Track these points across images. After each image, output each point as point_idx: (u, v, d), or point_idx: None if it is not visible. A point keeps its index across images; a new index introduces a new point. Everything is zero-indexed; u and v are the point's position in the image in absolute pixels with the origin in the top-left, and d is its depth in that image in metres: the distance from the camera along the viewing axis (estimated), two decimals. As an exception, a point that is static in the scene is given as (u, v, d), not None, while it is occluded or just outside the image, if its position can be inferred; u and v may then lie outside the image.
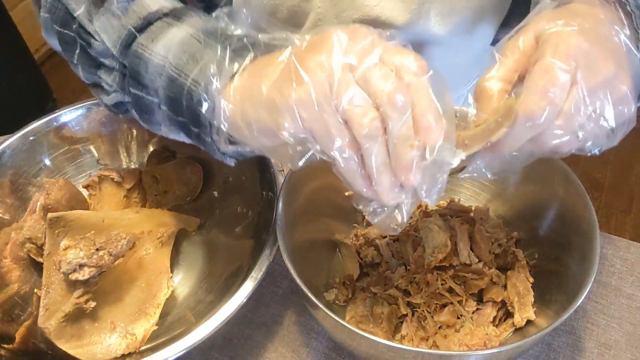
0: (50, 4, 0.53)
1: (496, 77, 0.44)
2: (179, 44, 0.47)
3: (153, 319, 0.60)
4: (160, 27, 0.49)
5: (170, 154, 0.74)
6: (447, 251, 0.61)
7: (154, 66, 0.48)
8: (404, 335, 0.59)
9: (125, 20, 0.49)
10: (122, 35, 0.49)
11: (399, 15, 0.64)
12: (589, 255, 0.52)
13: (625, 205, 1.72)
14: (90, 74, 0.54)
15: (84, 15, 0.51)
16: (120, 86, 0.52)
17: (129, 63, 0.49)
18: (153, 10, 0.49)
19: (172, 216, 0.68)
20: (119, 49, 0.50)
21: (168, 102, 0.48)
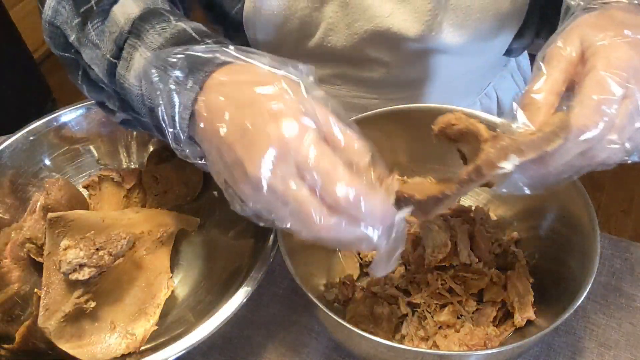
0: (50, 30, 0.54)
1: (544, 89, 0.44)
2: (144, 74, 0.46)
3: (153, 319, 0.60)
4: (129, 52, 0.48)
5: (170, 154, 0.74)
6: (447, 251, 0.61)
7: (136, 96, 0.48)
8: (404, 335, 0.59)
9: (103, 47, 0.49)
10: (105, 66, 0.50)
11: (411, 27, 0.63)
12: (589, 255, 0.52)
13: (625, 205, 1.72)
14: (95, 93, 0.55)
15: (77, 42, 0.52)
16: (121, 108, 0.53)
17: (119, 90, 0.50)
18: (120, 26, 0.49)
19: (172, 216, 0.68)
20: (108, 78, 0.50)
21: (155, 130, 0.48)
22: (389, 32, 0.64)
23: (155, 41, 0.47)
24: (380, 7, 0.63)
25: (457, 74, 0.75)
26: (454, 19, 0.64)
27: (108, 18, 0.50)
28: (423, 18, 0.63)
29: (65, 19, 0.53)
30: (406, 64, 0.71)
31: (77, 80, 0.56)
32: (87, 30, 0.50)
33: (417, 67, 0.71)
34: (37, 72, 2.01)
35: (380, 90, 0.74)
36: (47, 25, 0.54)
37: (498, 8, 0.64)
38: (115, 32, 0.49)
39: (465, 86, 0.79)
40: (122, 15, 0.49)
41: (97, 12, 0.50)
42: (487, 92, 0.82)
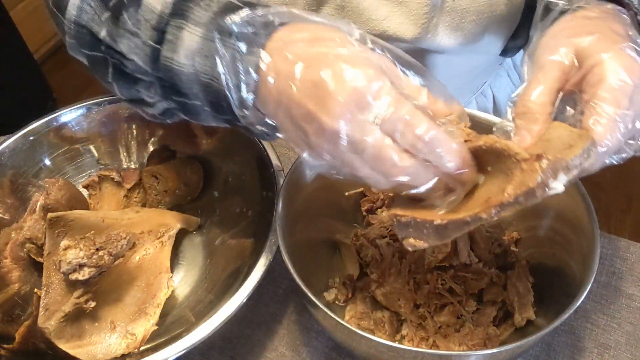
0: (75, 30, 0.53)
1: (540, 99, 0.45)
2: (197, 51, 0.46)
3: (153, 319, 0.60)
4: (174, 34, 0.48)
5: (170, 154, 0.74)
6: (447, 251, 0.61)
7: (187, 75, 0.48)
8: (404, 335, 0.59)
9: (143, 35, 0.49)
10: (148, 53, 0.49)
11: (407, 30, 0.63)
12: (589, 255, 0.52)
13: (625, 205, 1.72)
14: (128, 89, 0.55)
15: (109, 37, 0.51)
16: (163, 96, 0.52)
17: (164, 76, 0.50)
18: (158, 11, 0.49)
19: (172, 216, 0.68)
20: (150, 65, 0.50)
21: (210, 105, 0.48)
22: (384, 35, 0.64)
23: (203, 16, 0.47)
24: (376, 10, 0.63)
25: (453, 74, 0.75)
26: (449, 22, 0.64)
27: (141, 7, 0.49)
28: (419, 21, 0.63)
29: (92, 16, 0.52)
30: None
31: (107, 79, 0.55)
32: (122, 21, 0.50)
33: None
34: (37, 72, 2.01)
35: None
36: (72, 25, 0.53)
37: (493, 11, 0.64)
38: (152, 19, 0.49)
39: (461, 86, 0.79)
40: (157, 2, 0.49)
41: (129, 2, 0.50)
42: (482, 91, 0.83)
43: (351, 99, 0.39)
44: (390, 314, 0.60)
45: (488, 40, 0.69)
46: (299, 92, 0.40)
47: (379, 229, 0.66)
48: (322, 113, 0.39)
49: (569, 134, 0.43)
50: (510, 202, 0.40)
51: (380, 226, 0.67)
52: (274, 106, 0.43)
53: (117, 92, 0.56)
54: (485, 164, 0.44)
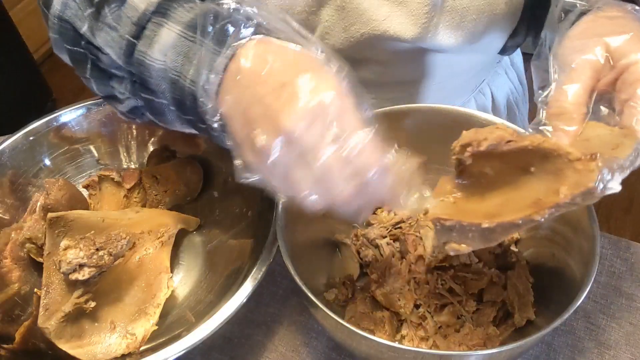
0: (59, 25, 0.54)
1: (574, 99, 0.44)
2: (172, 46, 0.47)
3: (153, 319, 0.60)
4: (153, 30, 0.48)
5: (170, 154, 0.74)
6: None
7: (157, 71, 0.48)
8: (404, 335, 0.59)
9: (122, 29, 0.49)
10: (123, 46, 0.50)
11: (407, 30, 0.63)
12: (589, 255, 0.52)
13: (625, 205, 1.72)
14: (104, 85, 0.55)
15: (89, 31, 0.52)
16: (132, 93, 0.53)
17: (135, 71, 0.50)
18: (142, 9, 0.49)
19: (172, 216, 0.68)
20: (123, 59, 0.50)
21: (174, 103, 0.49)
22: (385, 35, 0.64)
23: (184, 16, 0.48)
24: (376, 10, 0.63)
25: (452, 73, 0.75)
26: (449, 21, 0.64)
27: (125, 4, 0.50)
28: (419, 21, 0.63)
29: (75, 11, 0.52)
30: (402, 64, 0.71)
31: (85, 73, 0.55)
32: (103, 15, 0.50)
33: (413, 67, 0.72)
34: (37, 72, 2.01)
35: (376, 90, 0.74)
36: (55, 20, 0.53)
37: (493, 10, 0.64)
38: (134, 16, 0.49)
39: (460, 84, 0.79)
40: (142, 2, 0.49)
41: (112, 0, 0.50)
42: (481, 89, 0.83)
43: (318, 109, 0.39)
44: (390, 314, 0.60)
45: (488, 40, 0.69)
46: (266, 89, 0.40)
47: (379, 229, 0.66)
48: (283, 112, 0.39)
49: (609, 133, 0.42)
50: (566, 203, 0.39)
51: (380, 226, 0.67)
52: (233, 102, 0.43)
53: (94, 88, 0.56)
54: (529, 164, 0.43)
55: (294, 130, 0.39)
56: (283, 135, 0.39)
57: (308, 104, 0.39)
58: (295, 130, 0.39)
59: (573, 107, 0.44)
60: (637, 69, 0.43)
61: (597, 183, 0.38)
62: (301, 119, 0.39)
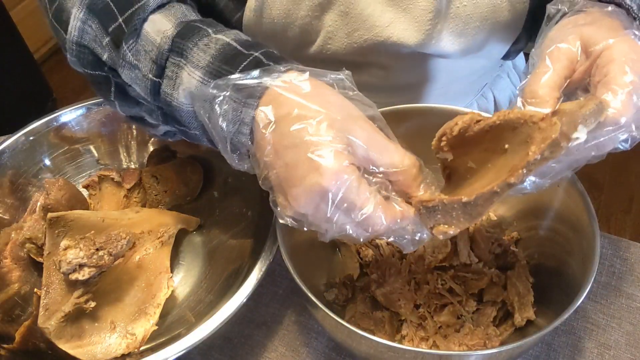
0: (77, 50, 0.54)
1: (547, 83, 0.45)
2: (196, 94, 0.48)
3: (153, 319, 0.60)
4: (173, 70, 0.49)
5: (170, 154, 0.74)
6: (447, 251, 0.61)
7: (186, 112, 0.49)
8: (404, 335, 0.59)
9: (143, 67, 0.50)
10: (148, 85, 0.50)
11: (411, 36, 0.63)
12: (589, 255, 0.52)
13: (625, 205, 1.72)
14: (130, 108, 0.56)
15: (110, 61, 0.52)
16: (163, 122, 0.54)
17: (164, 107, 0.51)
18: (157, 44, 0.49)
19: (172, 216, 0.68)
20: (151, 97, 0.51)
21: (208, 141, 0.51)
22: (388, 41, 0.64)
23: (201, 59, 0.48)
24: (380, 16, 0.63)
25: (455, 78, 0.75)
26: (453, 28, 0.64)
27: (140, 36, 0.50)
28: (423, 27, 0.63)
29: (93, 37, 0.52)
30: (405, 68, 0.71)
31: (109, 97, 0.56)
32: (122, 52, 0.51)
33: (416, 72, 0.72)
34: (37, 72, 2.01)
35: (379, 94, 0.74)
36: (74, 46, 0.53)
37: (497, 17, 0.64)
38: (152, 50, 0.50)
39: (463, 88, 0.79)
40: (157, 34, 0.50)
41: (129, 32, 0.50)
42: (483, 93, 0.83)
43: (315, 194, 0.42)
44: (390, 314, 0.60)
45: (491, 46, 0.69)
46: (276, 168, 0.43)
47: (379, 229, 0.66)
48: (290, 196, 0.43)
49: (577, 103, 0.43)
50: (536, 160, 0.40)
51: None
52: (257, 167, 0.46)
53: (118, 109, 0.57)
54: (501, 142, 0.44)
55: (301, 210, 0.43)
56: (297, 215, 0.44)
57: (310, 190, 0.42)
58: (302, 210, 0.43)
59: (546, 91, 0.45)
60: (609, 53, 0.44)
61: (561, 133, 0.39)
62: (304, 206, 0.42)
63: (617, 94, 0.43)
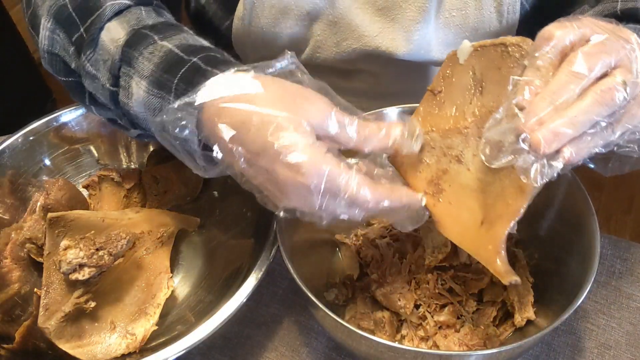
0: (49, 58, 0.54)
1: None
2: (143, 104, 0.48)
3: (153, 319, 0.60)
4: (125, 80, 0.49)
5: (170, 154, 0.74)
6: (447, 251, 0.61)
7: (143, 120, 0.50)
8: (404, 335, 0.59)
9: (102, 77, 0.50)
10: (107, 95, 0.51)
11: (399, 46, 0.63)
12: (589, 255, 0.52)
13: (625, 205, 1.72)
14: (104, 112, 0.56)
15: (77, 69, 0.53)
16: (132, 126, 0.54)
17: (126, 115, 0.52)
18: (111, 53, 0.49)
19: (172, 216, 0.68)
20: (112, 105, 0.52)
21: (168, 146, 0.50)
22: (377, 51, 0.64)
23: (146, 69, 0.48)
24: (369, 26, 0.63)
25: None
26: (442, 38, 0.64)
27: (98, 45, 0.50)
28: (411, 37, 0.63)
29: (62, 46, 0.53)
30: (395, 76, 0.71)
31: (84, 102, 0.56)
32: (82, 62, 0.51)
33: (406, 79, 0.72)
34: (37, 72, 2.01)
35: (371, 100, 0.74)
36: (45, 54, 0.54)
37: (487, 27, 0.64)
38: (107, 59, 0.50)
39: None
40: (111, 43, 0.50)
41: (87, 42, 0.50)
42: None
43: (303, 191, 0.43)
44: (390, 314, 0.60)
45: None
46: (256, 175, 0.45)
47: (379, 229, 0.66)
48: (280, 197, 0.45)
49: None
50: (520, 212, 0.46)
51: (381, 226, 0.67)
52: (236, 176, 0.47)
53: (95, 113, 0.58)
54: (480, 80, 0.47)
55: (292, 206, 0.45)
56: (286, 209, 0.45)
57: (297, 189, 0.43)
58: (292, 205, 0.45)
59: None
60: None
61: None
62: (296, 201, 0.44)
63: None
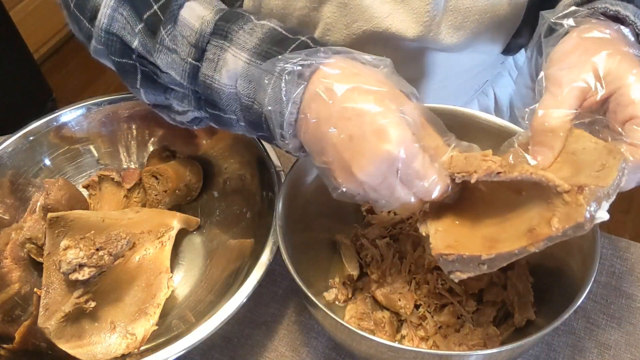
0: (106, 38, 0.54)
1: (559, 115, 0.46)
2: (242, 75, 0.49)
3: (153, 319, 0.60)
4: (215, 53, 0.50)
5: (170, 154, 0.74)
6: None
7: (227, 95, 0.50)
8: (404, 335, 0.59)
9: (181, 51, 0.51)
10: (186, 69, 0.51)
11: (409, 28, 0.64)
12: (589, 255, 0.52)
13: (625, 205, 1.72)
14: (156, 96, 0.56)
15: (142, 48, 0.53)
16: (197, 108, 0.54)
17: (201, 91, 0.52)
18: (197, 28, 0.50)
19: (172, 216, 0.68)
20: (188, 80, 0.52)
21: (248, 123, 0.51)
22: (387, 33, 0.64)
23: (248, 41, 0.49)
24: (379, 8, 0.63)
25: (454, 72, 0.75)
26: (452, 21, 0.64)
27: (177, 22, 0.51)
28: (421, 19, 0.63)
29: (123, 24, 0.53)
30: (404, 62, 0.71)
31: (134, 84, 0.56)
32: (160, 36, 0.51)
33: (415, 65, 0.72)
34: (37, 72, 2.01)
35: None
36: (102, 33, 0.54)
37: (496, 11, 0.64)
38: (190, 35, 0.50)
39: (462, 84, 0.79)
40: (195, 19, 0.51)
41: (167, 18, 0.51)
42: (484, 90, 0.83)
43: (383, 162, 0.43)
44: (391, 314, 0.60)
45: (490, 40, 0.69)
46: (337, 140, 0.44)
47: (379, 229, 0.66)
48: (353, 165, 0.44)
49: (594, 147, 0.44)
50: (558, 236, 0.42)
51: (380, 226, 0.67)
52: (312, 142, 0.47)
53: (143, 97, 0.57)
54: (520, 188, 0.45)
55: (366, 179, 0.44)
56: (357, 185, 0.45)
57: (380, 158, 0.43)
58: (366, 179, 0.44)
59: (557, 122, 0.46)
60: (628, 90, 0.44)
61: (586, 215, 0.40)
62: (372, 175, 0.44)
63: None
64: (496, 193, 0.47)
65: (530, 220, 0.44)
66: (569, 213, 0.41)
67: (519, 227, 0.44)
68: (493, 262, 0.45)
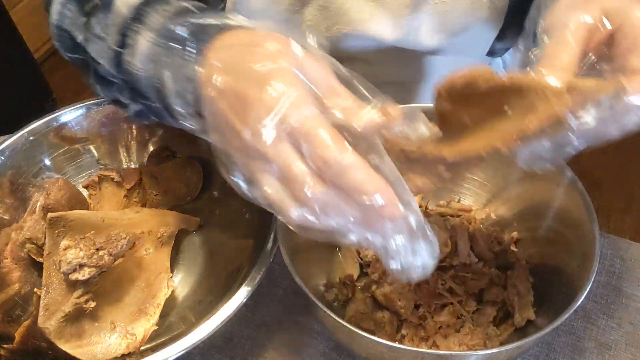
0: (57, 34, 0.54)
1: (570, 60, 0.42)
2: (147, 55, 0.47)
3: (153, 319, 0.60)
4: (132, 37, 0.48)
5: (170, 154, 0.74)
6: (447, 251, 0.61)
7: (144, 79, 0.48)
8: (404, 335, 0.59)
9: (109, 39, 0.50)
10: (112, 56, 0.50)
11: (388, 31, 0.64)
12: (589, 255, 0.52)
13: (625, 205, 1.72)
14: (108, 91, 0.56)
15: (84, 42, 0.52)
16: (131, 99, 0.53)
17: (127, 79, 0.50)
18: (123, 14, 0.49)
19: (172, 216, 0.68)
20: (115, 69, 0.50)
21: (165, 108, 0.48)
22: (366, 36, 0.64)
23: (157, 22, 0.47)
24: (359, 11, 0.63)
25: (438, 75, 0.75)
26: (432, 24, 0.64)
27: (111, 10, 0.50)
28: (400, 22, 0.63)
29: (72, 20, 0.53)
30: (389, 63, 0.71)
31: (89, 80, 0.56)
32: (92, 25, 0.51)
33: (400, 67, 0.72)
34: (37, 72, 2.01)
35: None
36: (55, 30, 0.54)
37: (475, 14, 0.64)
38: (118, 22, 0.49)
39: None
40: (124, 6, 0.49)
41: (101, 7, 0.51)
42: None
43: (268, 116, 0.36)
44: (391, 314, 0.60)
45: (472, 42, 0.69)
46: (220, 101, 0.39)
47: (379, 229, 0.66)
48: (240, 128, 0.37)
49: (597, 82, 0.39)
50: (534, 132, 0.37)
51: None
52: (206, 113, 0.41)
53: (100, 92, 0.57)
54: (504, 104, 0.40)
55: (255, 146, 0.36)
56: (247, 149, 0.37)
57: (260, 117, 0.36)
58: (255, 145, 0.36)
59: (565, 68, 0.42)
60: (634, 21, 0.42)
61: (568, 113, 0.36)
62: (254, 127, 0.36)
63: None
64: (480, 120, 0.42)
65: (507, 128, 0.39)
66: (550, 110, 0.36)
67: (493, 137, 0.39)
68: (457, 166, 0.40)
